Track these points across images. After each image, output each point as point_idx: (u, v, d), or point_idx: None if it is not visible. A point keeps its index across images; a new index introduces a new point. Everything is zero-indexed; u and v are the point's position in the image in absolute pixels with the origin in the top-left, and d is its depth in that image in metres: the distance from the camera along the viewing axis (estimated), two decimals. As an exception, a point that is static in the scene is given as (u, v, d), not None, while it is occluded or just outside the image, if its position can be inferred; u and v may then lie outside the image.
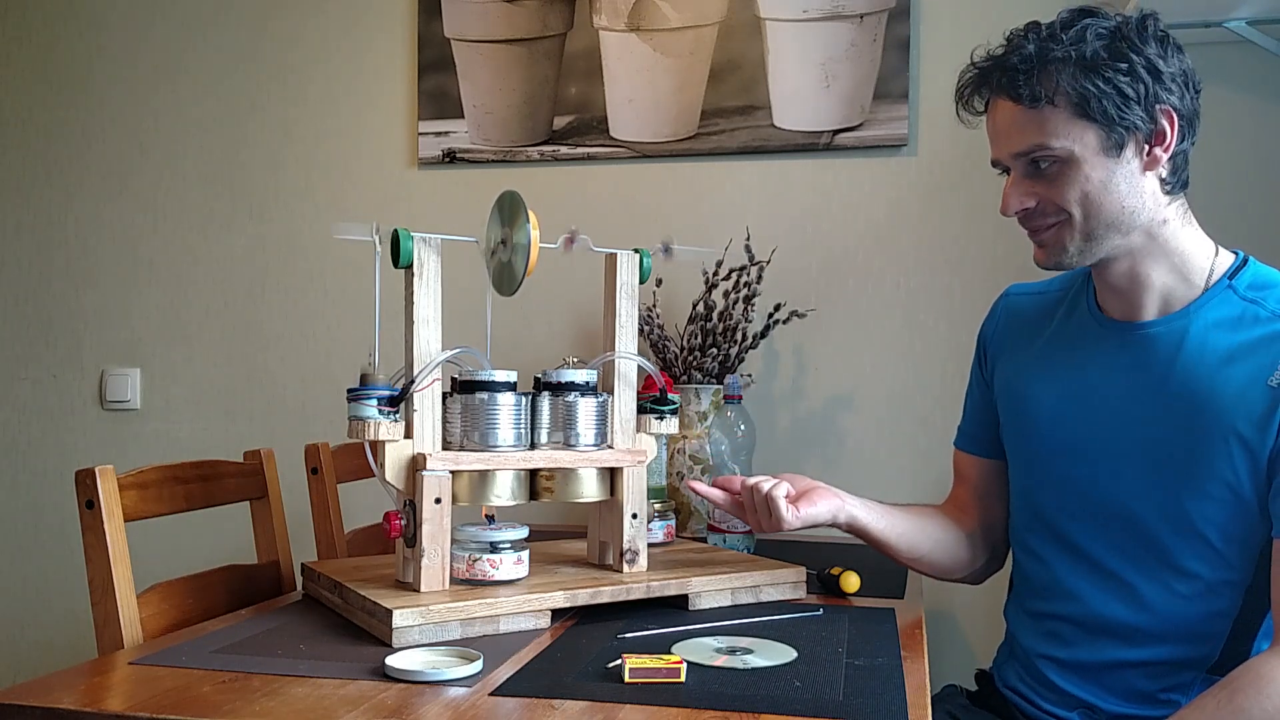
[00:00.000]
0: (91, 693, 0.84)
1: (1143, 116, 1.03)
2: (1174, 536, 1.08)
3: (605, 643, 1.00)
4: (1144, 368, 1.10)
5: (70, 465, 2.11)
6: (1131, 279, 1.11)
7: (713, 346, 1.77)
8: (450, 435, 1.10)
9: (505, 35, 2.01)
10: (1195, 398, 1.06)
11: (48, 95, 2.26)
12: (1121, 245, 1.08)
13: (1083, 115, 1.03)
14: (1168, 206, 1.08)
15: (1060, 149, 1.04)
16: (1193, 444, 1.06)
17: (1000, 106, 1.09)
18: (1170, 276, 1.10)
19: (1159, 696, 1.09)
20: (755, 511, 1.17)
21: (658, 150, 1.97)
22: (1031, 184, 1.08)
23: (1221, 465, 1.05)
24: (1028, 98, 1.04)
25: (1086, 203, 1.05)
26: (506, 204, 1.14)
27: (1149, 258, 1.09)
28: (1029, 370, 1.22)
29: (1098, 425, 1.13)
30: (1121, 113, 1.02)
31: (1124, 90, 1.02)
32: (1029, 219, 1.10)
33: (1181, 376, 1.08)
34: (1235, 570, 1.06)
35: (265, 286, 2.16)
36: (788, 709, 0.81)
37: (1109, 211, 1.06)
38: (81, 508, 1.07)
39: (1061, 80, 1.03)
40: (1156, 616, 1.09)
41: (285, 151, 2.16)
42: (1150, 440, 1.09)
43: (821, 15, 1.88)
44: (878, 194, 1.91)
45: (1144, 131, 1.04)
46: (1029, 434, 1.20)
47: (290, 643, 0.99)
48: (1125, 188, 1.05)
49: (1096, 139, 1.04)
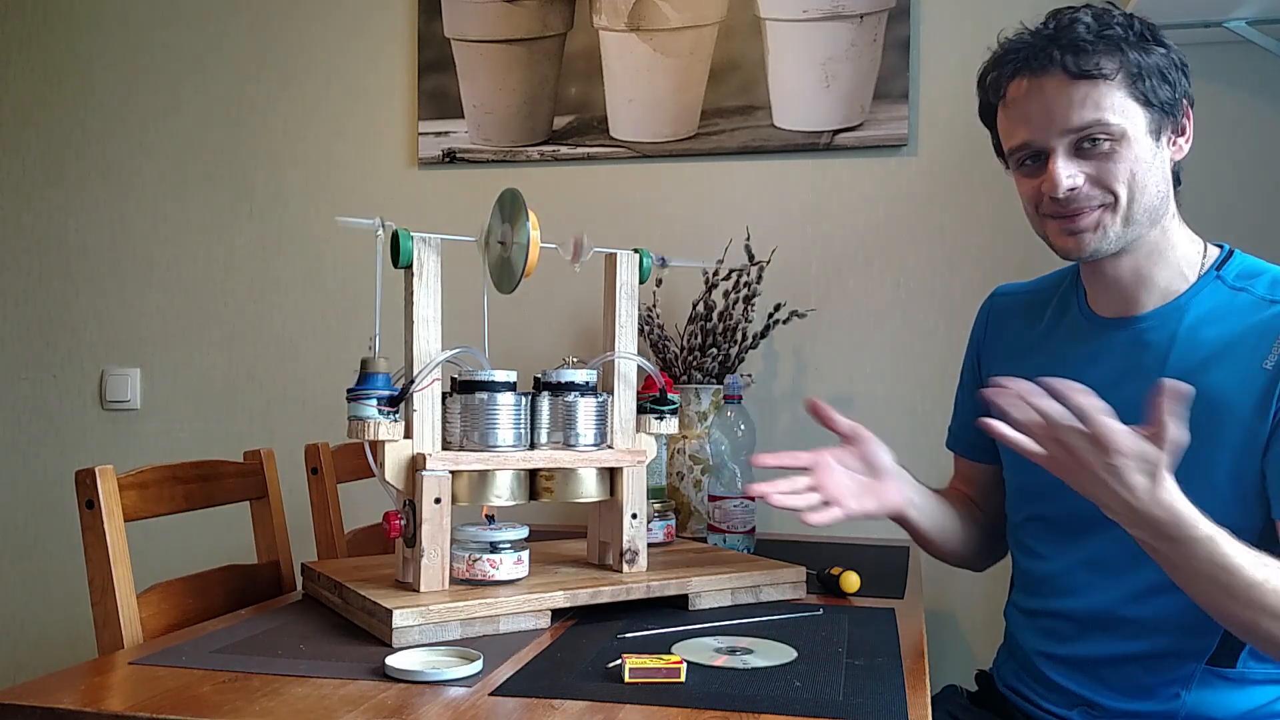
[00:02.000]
0: (91, 693, 0.84)
1: (1175, 103, 1.05)
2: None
3: (605, 643, 1.00)
4: (1138, 363, 1.10)
5: (70, 465, 2.11)
6: (1135, 275, 1.11)
7: (713, 346, 1.77)
8: (450, 435, 1.10)
9: (505, 35, 2.01)
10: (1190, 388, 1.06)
11: (48, 95, 2.26)
12: (1144, 237, 1.08)
13: (1134, 93, 1.04)
14: (1172, 201, 1.10)
15: (1116, 126, 1.03)
16: (1190, 434, 1.06)
17: (1049, 83, 1.05)
18: (1169, 272, 1.10)
19: (1159, 690, 1.09)
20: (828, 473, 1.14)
21: (658, 150, 1.97)
22: (1077, 164, 1.06)
23: (1219, 453, 1.04)
24: (1093, 68, 1.03)
25: (1134, 184, 1.05)
26: (507, 202, 1.14)
27: (1156, 253, 1.10)
28: (1019, 369, 1.21)
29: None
30: (1164, 94, 1.04)
31: (1167, 75, 1.04)
32: (1072, 202, 1.07)
33: (1176, 368, 1.07)
34: None
35: (265, 286, 2.16)
36: (788, 709, 0.81)
37: (1150, 195, 1.06)
38: (81, 508, 1.07)
39: (1122, 55, 1.03)
40: (1154, 609, 1.09)
41: (285, 151, 2.16)
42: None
43: (821, 15, 1.88)
44: (878, 194, 1.91)
45: (1175, 120, 1.06)
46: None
47: (290, 643, 0.99)
48: (1160, 173, 1.06)
49: (1145, 119, 1.04)
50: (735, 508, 1.48)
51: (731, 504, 1.48)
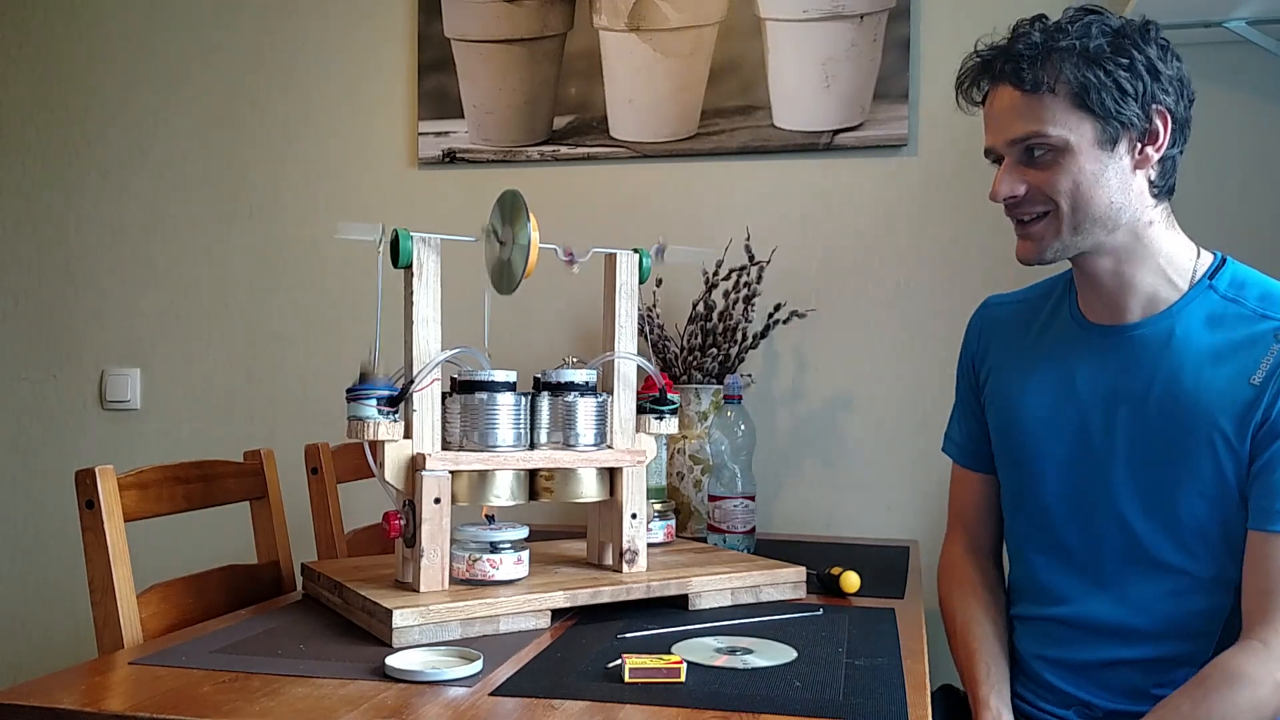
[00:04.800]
0: (91, 693, 0.84)
1: (1139, 114, 1.05)
2: (1162, 536, 1.09)
3: (605, 643, 1.00)
4: (1128, 370, 1.11)
5: (70, 465, 2.11)
6: (1117, 279, 1.12)
7: (713, 346, 1.77)
8: (450, 435, 1.10)
9: (505, 35, 2.01)
10: (1180, 397, 1.07)
11: (48, 95, 2.26)
12: (1106, 243, 1.09)
13: (1081, 106, 1.05)
14: (1154, 209, 1.10)
15: (1056, 137, 1.05)
16: (1179, 443, 1.07)
17: (1000, 93, 1.10)
18: (1154, 278, 1.11)
19: (1153, 693, 1.09)
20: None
21: (658, 150, 1.97)
22: (1023, 172, 1.09)
23: (1207, 464, 1.06)
24: (1030, 83, 1.05)
25: (1076, 194, 1.06)
26: (508, 203, 1.14)
27: (1134, 259, 1.10)
28: (1016, 378, 1.22)
29: (1084, 429, 1.14)
30: (1119, 107, 1.04)
31: (1123, 85, 1.04)
32: (1016, 208, 1.11)
33: (1166, 377, 1.08)
34: (1225, 568, 1.07)
35: (265, 286, 2.16)
36: (788, 709, 0.81)
37: (1097, 205, 1.07)
38: (81, 508, 1.07)
39: (1064, 69, 1.04)
40: (1148, 615, 1.10)
41: (285, 151, 2.16)
42: (1136, 441, 1.10)
43: (821, 15, 1.88)
44: (878, 194, 1.91)
45: (1138, 129, 1.06)
46: (1017, 441, 1.21)
47: (290, 643, 0.99)
48: (1115, 183, 1.07)
49: (1092, 131, 1.05)
50: (735, 508, 1.48)
51: (731, 504, 1.48)
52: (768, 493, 1.90)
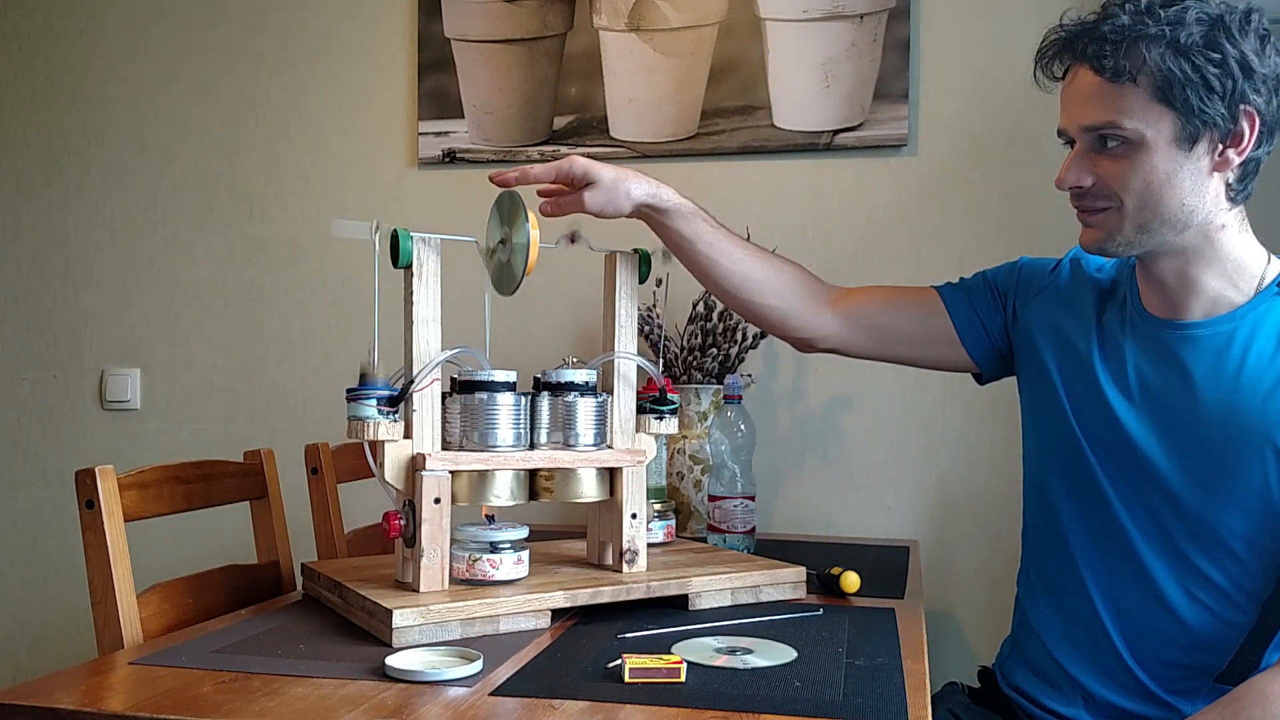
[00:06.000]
0: (91, 693, 0.84)
1: (1224, 113, 0.98)
2: (1198, 542, 1.06)
3: (605, 643, 1.00)
4: (1183, 368, 1.07)
5: (70, 465, 2.11)
6: (1180, 279, 1.07)
7: (713, 346, 1.77)
8: (450, 435, 1.10)
9: (505, 35, 2.01)
10: (1234, 405, 1.03)
11: (48, 95, 2.26)
12: (1174, 243, 1.04)
13: (1163, 99, 0.98)
14: (1228, 212, 1.04)
15: (1132, 131, 1.00)
16: (1227, 451, 1.03)
17: (1080, 75, 1.03)
18: (1219, 281, 1.06)
19: (1163, 698, 1.09)
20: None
21: (658, 150, 1.97)
22: (1094, 161, 1.04)
23: (1254, 475, 1.02)
24: (1111, 70, 0.99)
25: (1146, 193, 1.01)
26: (506, 204, 1.14)
27: (1201, 261, 1.06)
28: (1086, 353, 1.16)
29: (1143, 418, 1.09)
30: (1203, 104, 0.97)
31: (1210, 81, 0.97)
32: (1080, 198, 1.06)
33: (1221, 382, 1.04)
34: (1256, 582, 1.05)
35: (265, 286, 2.16)
36: (788, 709, 0.81)
37: (1167, 206, 1.01)
38: (81, 508, 1.07)
39: (1149, 58, 0.98)
40: (1172, 617, 1.08)
41: (285, 151, 2.16)
42: (1183, 441, 1.06)
43: (821, 15, 1.88)
44: (878, 194, 1.91)
45: (1221, 129, 0.99)
46: (1086, 410, 1.14)
47: (290, 643, 0.99)
48: (1189, 185, 1.01)
49: (1171, 127, 0.99)
50: (735, 508, 1.48)
51: (731, 504, 1.48)
52: (768, 493, 1.90)
